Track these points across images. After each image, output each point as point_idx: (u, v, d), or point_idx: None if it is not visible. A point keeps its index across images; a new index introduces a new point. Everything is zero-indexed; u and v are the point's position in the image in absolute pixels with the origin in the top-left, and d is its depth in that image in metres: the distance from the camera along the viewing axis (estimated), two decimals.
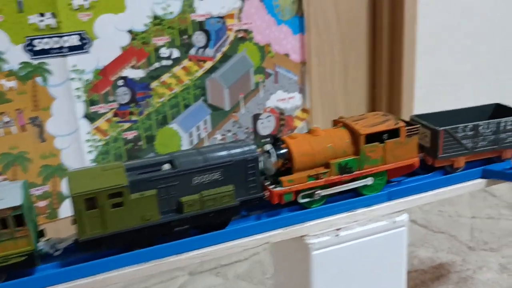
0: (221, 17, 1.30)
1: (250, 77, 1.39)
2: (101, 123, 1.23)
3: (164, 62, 1.26)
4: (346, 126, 0.75)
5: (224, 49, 1.33)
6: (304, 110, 1.51)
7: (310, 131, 0.75)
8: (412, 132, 0.76)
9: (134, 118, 1.26)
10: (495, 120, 0.82)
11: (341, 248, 0.73)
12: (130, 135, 1.27)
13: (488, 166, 0.83)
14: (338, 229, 0.73)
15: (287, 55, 1.43)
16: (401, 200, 0.77)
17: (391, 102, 1.62)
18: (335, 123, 0.78)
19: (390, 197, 0.77)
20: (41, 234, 0.67)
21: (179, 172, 0.65)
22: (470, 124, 0.81)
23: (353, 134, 0.73)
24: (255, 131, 1.44)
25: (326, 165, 0.72)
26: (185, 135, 1.34)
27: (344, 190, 0.74)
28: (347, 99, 1.60)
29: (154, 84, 1.26)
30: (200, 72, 1.31)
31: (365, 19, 1.54)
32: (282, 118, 1.48)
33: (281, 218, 0.71)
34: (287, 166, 0.71)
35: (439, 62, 1.69)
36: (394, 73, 1.58)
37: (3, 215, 0.57)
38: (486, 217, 1.45)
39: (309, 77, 1.49)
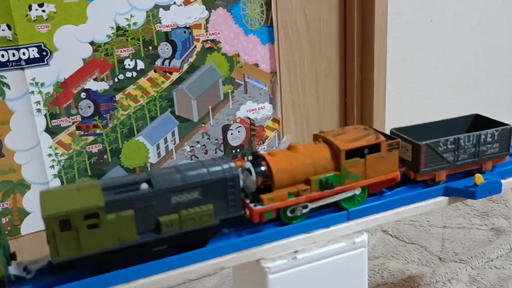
0: (188, 28, 1.28)
1: (218, 87, 1.37)
2: (63, 136, 1.19)
3: (129, 74, 1.23)
4: (326, 141, 0.74)
5: (191, 59, 1.30)
6: (275, 120, 1.49)
7: (289, 148, 0.73)
8: (393, 147, 0.75)
9: (98, 131, 1.23)
10: (476, 133, 0.82)
11: (299, 271, 0.71)
12: (95, 148, 1.24)
13: (449, 184, 0.81)
14: (295, 252, 0.71)
15: (256, 65, 1.41)
16: (361, 220, 0.76)
17: (363, 112, 1.61)
18: (315, 137, 0.77)
19: (349, 217, 0.75)
20: (12, 257, 0.64)
21: (157, 191, 0.63)
22: (451, 138, 0.80)
23: (333, 149, 0.73)
24: (225, 142, 1.41)
25: (307, 182, 0.71)
26: (152, 148, 1.31)
27: (325, 205, 0.73)
28: (318, 109, 1.59)
29: (118, 96, 1.23)
30: (166, 84, 1.29)
31: (335, 29, 1.53)
32: (253, 128, 1.46)
33: (236, 242, 0.69)
34: (267, 183, 0.70)
35: (410, 72, 1.69)
36: (365, 82, 1.57)
37: None
38: (458, 227, 1.44)
39: (279, 87, 1.47)
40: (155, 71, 1.26)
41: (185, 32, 1.28)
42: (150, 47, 1.24)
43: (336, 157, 0.72)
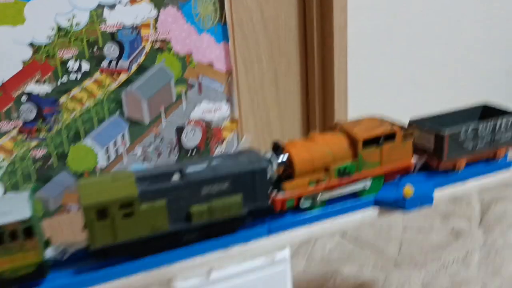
0: (135, 28, 1.24)
1: (170, 88, 1.33)
2: (4, 141, 1.16)
3: (73, 76, 1.19)
4: (343, 131, 0.77)
5: (140, 60, 1.27)
6: (233, 121, 1.46)
7: (308, 138, 0.76)
8: (408, 136, 0.78)
9: (42, 135, 1.19)
10: (492, 121, 0.84)
11: None
12: (39, 153, 1.20)
13: (380, 195, 0.78)
14: (210, 270, 0.68)
15: (211, 64, 1.37)
16: (283, 234, 0.72)
17: (324, 109, 1.58)
18: (332, 128, 0.79)
19: (270, 232, 0.72)
20: (47, 243, 0.66)
21: (189, 183, 0.65)
22: (471, 127, 0.82)
23: (351, 139, 0.75)
24: (179, 145, 1.38)
25: (326, 170, 0.74)
26: (101, 151, 1.27)
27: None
28: (279, 108, 1.55)
29: (62, 99, 1.20)
30: (114, 85, 1.25)
31: (294, 26, 1.49)
32: (209, 130, 1.42)
33: (145, 261, 0.66)
34: (287, 172, 0.72)
35: (374, 69, 1.65)
36: (327, 80, 1.53)
37: (13, 228, 0.58)
38: (418, 229, 1.42)
39: (236, 87, 1.43)
40: (101, 73, 1.22)
41: (132, 32, 1.24)
42: (95, 48, 1.20)
43: (354, 146, 0.75)
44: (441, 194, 0.84)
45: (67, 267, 0.65)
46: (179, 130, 1.37)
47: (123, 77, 1.25)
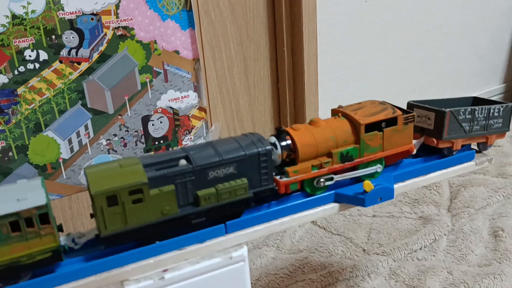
0: (95, 14, 1.19)
1: (135, 77, 1.29)
2: None
3: (31, 66, 1.15)
4: (345, 116, 0.78)
5: (101, 48, 1.22)
6: (201, 109, 1.43)
7: (311, 122, 0.76)
8: (409, 120, 0.79)
9: (0, 127, 1.15)
10: (487, 106, 0.87)
11: None
12: None
13: (339, 190, 0.77)
14: (164, 271, 0.67)
15: (176, 51, 1.33)
16: (239, 233, 0.71)
17: (295, 97, 1.56)
18: (334, 112, 0.80)
19: (228, 230, 0.71)
20: (60, 228, 0.65)
21: (196, 167, 0.66)
22: (469, 108, 0.85)
23: (353, 124, 0.76)
24: (145, 134, 1.35)
25: (329, 155, 0.75)
26: (63, 142, 1.24)
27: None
28: (249, 95, 1.53)
29: (21, 90, 1.15)
30: (75, 75, 1.21)
31: (263, 11, 1.46)
32: (177, 118, 1.39)
33: (96, 263, 0.64)
34: (291, 157, 0.73)
35: (345, 55, 1.63)
36: (297, 66, 1.51)
37: (29, 214, 0.58)
38: (387, 216, 1.42)
39: (204, 74, 1.40)
40: (60, 62, 1.18)
41: (92, 19, 1.19)
42: (53, 36, 1.15)
43: (356, 130, 0.76)
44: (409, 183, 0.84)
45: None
46: (145, 120, 1.34)
47: (84, 66, 1.21)
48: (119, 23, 1.23)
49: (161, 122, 1.37)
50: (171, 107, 1.37)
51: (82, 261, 0.64)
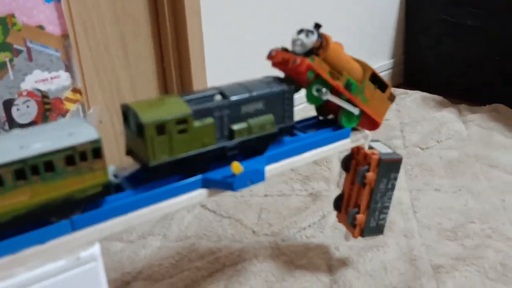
0: None
1: None
2: None
3: None
4: (357, 61, 0.87)
5: None
6: (76, 91, 1.30)
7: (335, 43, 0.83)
8: (392, 97, 0.92)
9: None
10: None
11: None
12: None
13: (208, 175, 0.71)
14: None
15: (41, 27, 1.19)
16: (89, 229, 0.63)
17: (182, 74, 1.48)
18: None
19: (74, 228, 0.62)
20: None
21: (231, 102, 0.72)
22: None
23: (364, 67, 0.86)
24: (9, 120, 1.20)
25: (340, 74, 0.82)
26: None
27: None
28: (130, 74, 1.42)
29: None
30: None
31: None
32: (47, 102, 1.26)
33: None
34: (317, 51, 0.79)
35: (233, 29, 1.57)
36: (180, 41, 1.43)
37: (83, 148, 0.59)
38: (278, 194, 1.40)
39: (76, 53, 1.27)
40: None
41: None
42: None
43: (364, 73, 0.86)
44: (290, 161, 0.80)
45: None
46: (8, 104, 1.19)
47: None
48: None
49: (27, 106, 1.23)
50: (38, 89, 1.23)
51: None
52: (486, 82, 2.07)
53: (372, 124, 0.91)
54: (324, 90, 0.81)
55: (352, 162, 0.99)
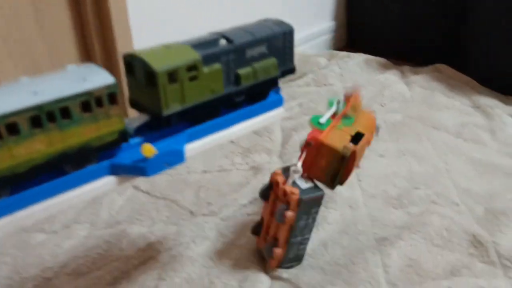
0: None
1: None
2: None
3: None
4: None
5: None
6: None
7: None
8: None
9: None
10: None
11: None
12: None
13: (115, 160, 0.61)
14: None
15: None
16: None
17: (105, 45, 1.34)
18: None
19: None
20: None
21: (237, 46, 0.70)
22: None
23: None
24: None
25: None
26: None
27: None
28: (47, 44, 1.27)
29: None
30: None
31: None
32: None
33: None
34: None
35: None
36: (101, 6, 1.28)
37: (99, 94, 0.57)
38: (218, 170, 1.31)
39: None
40: None
41: None
42: None
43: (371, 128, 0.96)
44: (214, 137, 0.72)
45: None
46: None
47: None
48: None
49: None
50: None
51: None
52: (429, 42, 2.04)
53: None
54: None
55: (271, 193, 0.91)
